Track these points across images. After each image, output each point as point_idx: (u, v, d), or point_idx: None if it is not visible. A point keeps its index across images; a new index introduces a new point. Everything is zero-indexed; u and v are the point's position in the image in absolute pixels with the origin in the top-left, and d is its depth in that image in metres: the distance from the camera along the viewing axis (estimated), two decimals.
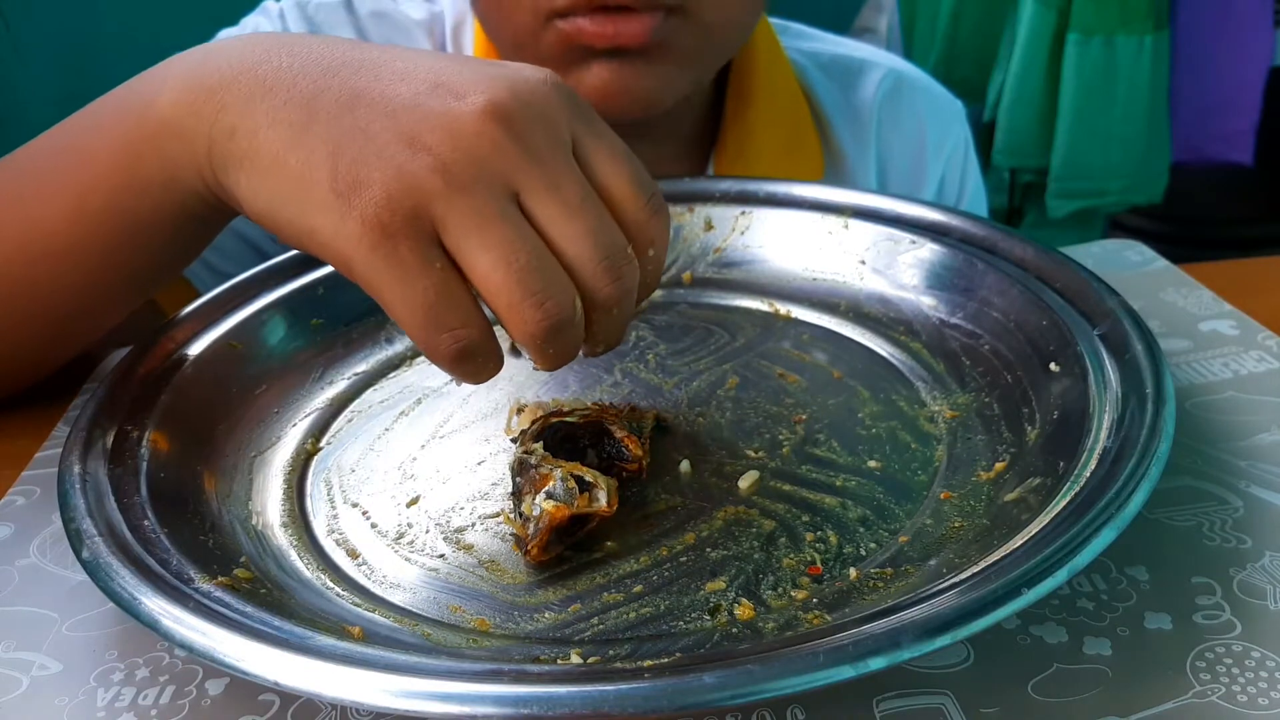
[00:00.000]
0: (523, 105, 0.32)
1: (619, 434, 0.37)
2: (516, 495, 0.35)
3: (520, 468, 0.35)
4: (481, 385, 0.43)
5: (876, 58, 0.71)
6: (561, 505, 0.33)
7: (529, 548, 0.33)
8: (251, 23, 0.63)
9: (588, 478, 0.34)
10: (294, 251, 0.42)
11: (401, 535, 0.35)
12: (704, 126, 0.63)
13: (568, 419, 0.37)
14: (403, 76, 0.33)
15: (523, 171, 0.31)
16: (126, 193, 0.38)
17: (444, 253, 0.30)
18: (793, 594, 0.31)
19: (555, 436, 0.37)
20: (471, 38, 0.63)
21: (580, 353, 0.35)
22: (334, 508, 0.37)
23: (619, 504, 0.34)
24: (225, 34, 0.64)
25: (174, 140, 0.35)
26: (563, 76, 0.53)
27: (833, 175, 0.66)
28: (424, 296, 0.30)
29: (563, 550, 0.34)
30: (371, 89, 0.32)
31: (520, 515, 0.34)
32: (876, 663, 0.24)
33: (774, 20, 0.68)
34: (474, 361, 0.32)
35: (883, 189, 0.68)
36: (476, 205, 0.30)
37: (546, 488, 0.33)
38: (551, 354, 0.33)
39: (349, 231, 0.30)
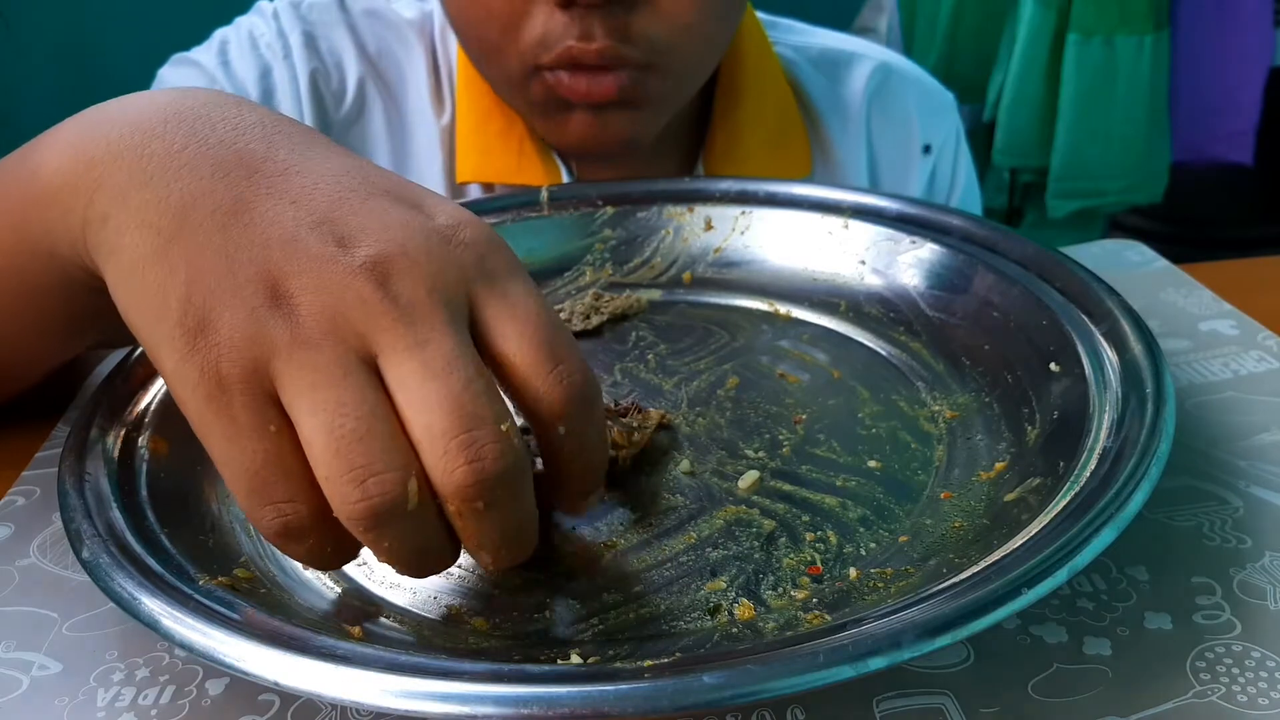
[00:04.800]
0: (410, 262, 0.27)
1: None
2: None
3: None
4: None
5: (866, 50, 0.71)
6: None
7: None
8: (246, 23, 0.63)
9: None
10: None
11: None
12: (692, 124, 0.64)
13: None
14: (296, 198, 0.29)
15: (386, 330, 0.26)
16: (18, 254, 0.35)
17: (284, 414, 0.27)
18: (793, 594, 0.31)
19: None
20: (439, 27, 0.63)
21: (480, 562, 0.29)
22: None
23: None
24: (219, 34, 0.64)
25: (54, 210, 0.32)
26: (548, 121, 0.56)
27: (823, 169, 0.66)
28: (250, 461, 0.26)
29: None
30: (255, 206, 0.28)
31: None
32: (876, 663, 0.24)
33: (763, 16, 0.68)
34: (302, 542, 0.28)
35: (874, 182, 0.69)
36: (318, 363, 0.26)
37: None
38: (388, 549, 0.27)
39: (187, 375, 0.27)
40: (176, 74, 0.62)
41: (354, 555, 0.29)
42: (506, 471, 0.27)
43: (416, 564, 0.29)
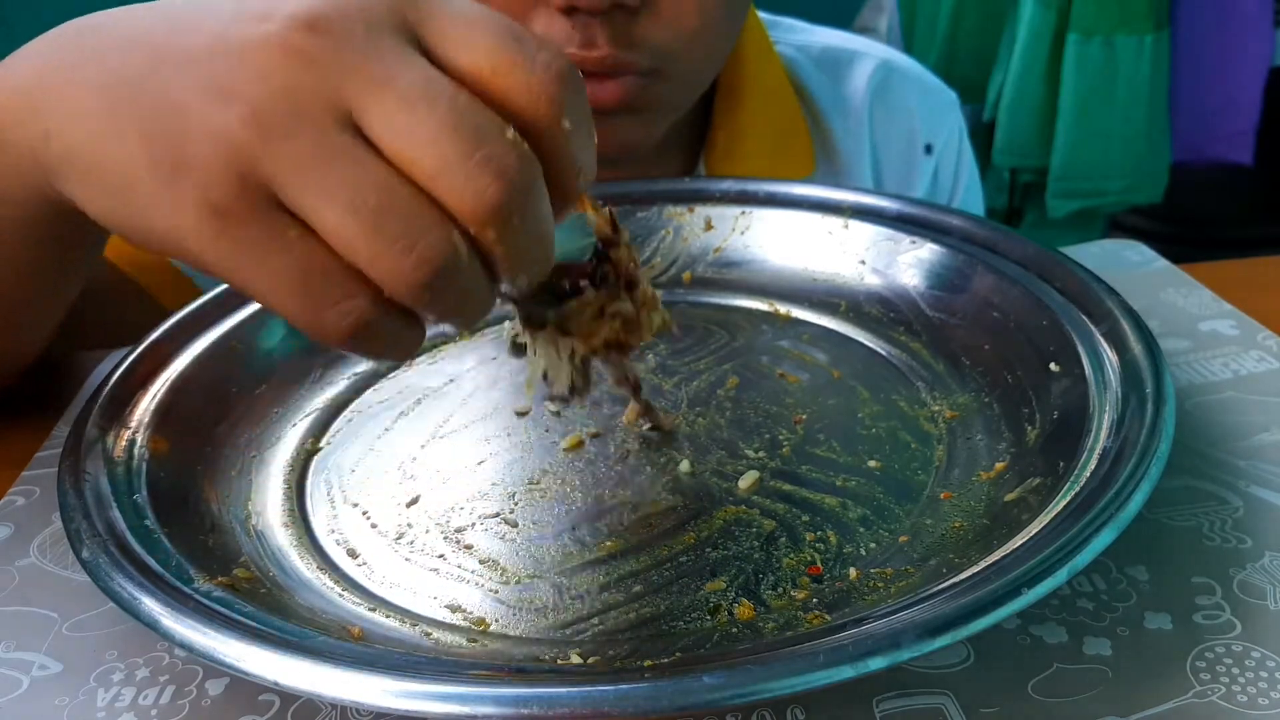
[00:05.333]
0: (334, 5, 0.25)
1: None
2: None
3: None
4: (480, 385, 0.44)
5: (868, 49, 0.71)
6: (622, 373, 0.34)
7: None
8: None
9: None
10: None
11: (401, 535, 0.35)
12: (693, 125, 0.64)
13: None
14: (211, 18, 0.27)
15: (346, 80, 0.24)
16: None
17: (297, 217, 0.25)
18: (793, 594, 0.31)
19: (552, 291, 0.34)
20: None
21: (504, 291, 0.28)
22: (334, 508, 0.37)
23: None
24: None
25: (7, 150, 0.31)
26: None
27: (826, 168, 0.66)
28: (289, 276, 0.25)
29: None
30: (176, 42, 0.27)
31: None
32: (876, 663, 0.24)
33: (764, 15, 0.68)
34: (379, 334, 0.26)
35: (877, 181, 0.69)
36: (303, 151, 0.24)
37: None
38: (451, 306, 0.26)
39: (188, 224, 0.25)
40: None
41: (421, 339, 0.28)
42: (530, 176, 0.25)
43: (471, 312, 0.27)
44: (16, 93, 0.31)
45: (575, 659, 0.29)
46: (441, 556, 0.34)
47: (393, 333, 0.26)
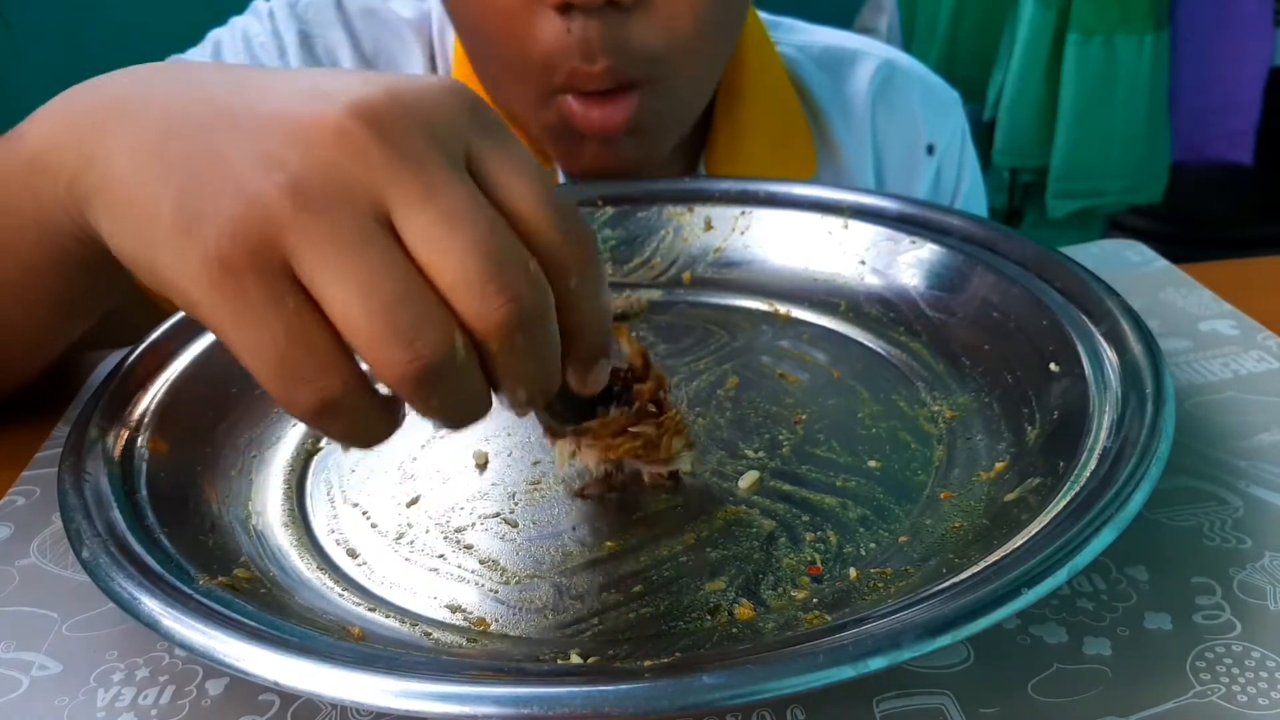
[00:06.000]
0: (400, 106, 0.27)
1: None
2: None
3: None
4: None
5: (870, 48, 0.71)
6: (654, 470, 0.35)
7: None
8: (241, 23, 0.63)
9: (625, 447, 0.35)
10: None
11: (401, 535, 0.35)
12: (695, 126, 0.64)
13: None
14: (277, 91, 0.28)
15: (393, 182, 0.26)
16: (7, 231, 0.35)
17: (301, 290, 0.26)
18: (793, 594, 0.31)
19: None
20: (452, 43, 0.63)
21: (505, 406, 0.29)
22: (334, 508, 0.37)
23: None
24: (213, 35, 0.64)
25: (39, 175, 0.32)
26: (561, 149, 0.56)
27: (828, 168, 0.66)
28: (273, 341, 0.25)
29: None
30: (238, 105, 0.28)
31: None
32: (876, 663, 0.24)
33: (764, 15, 0.68)
34: (344, 418, 0.27)
35: (880, 181, 0.69)
36: (332, 229, 0.25)
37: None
38: (437, 406, 0.27)
39: (190, 270, 0.26)
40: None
41: (392, 429, 0.28)
42: (540, 307, 0.27)
43: (461, 416, 0.28)
44: (65, 123, 0.32)
45: (575, 659, 0.29)
46: (441, 556, 0.34)
47: (358, 420, 0.27)
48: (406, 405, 0.28)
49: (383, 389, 0.27)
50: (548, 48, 0.51)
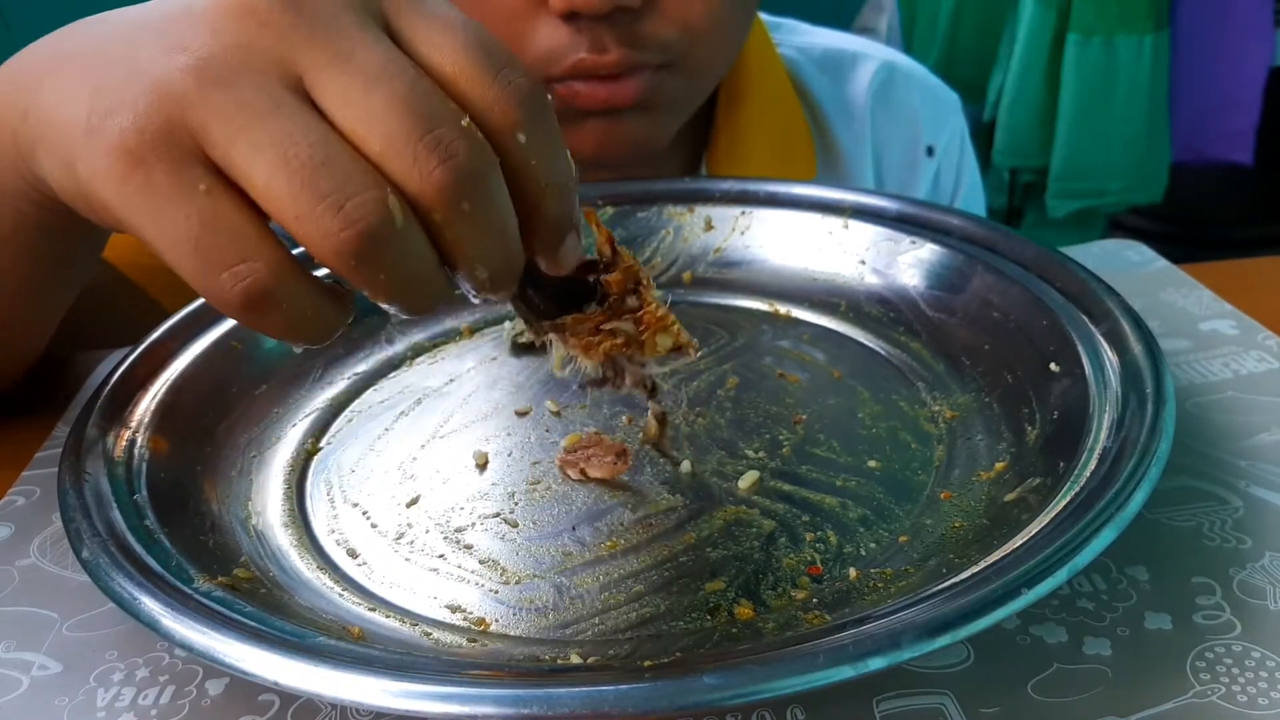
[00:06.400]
0: None
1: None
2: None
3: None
4: (481, 385, 0.44)
5: (870, 50, 0.71)
6: (640, 377, 0.32)
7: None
8: None
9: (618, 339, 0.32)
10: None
11: (401, 535, 0.35)
12: (696, 127, 0.64)
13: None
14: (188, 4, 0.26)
15: (303, 46, 0.24)
16: None
17: (218, 173, 0.24)
18: (793, 594, 0.31)
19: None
20: None
21: (467, 291, 0.27)
22: (334, 508, 0.37)
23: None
24: None
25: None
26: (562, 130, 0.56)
27: (828, 170, 0.66)
28: (186, 228, 0.24)
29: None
30: (153, 14, 0.27)
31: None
32: (876, 663, 0.24)
33: (765, 16, 0.68)
34: (274, 309, 0.25)
35: (879, 182, 0.69)
36: (241, 100, 0.23)
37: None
38: (385, 282, 0.24)
39: (100, 167, 0.24)
40: None
41: (340, 320, 0.26)
42: (482, 164, 0.25)
43: (413, 295, 0.26)
44: (7, 83, 0.31)
45: (575, 659, 0.29)
46: (441, 556, 0.34)
47: (296, 308, 0.25)
48: (354, 289, 0.26)
49: (323, 273, 0.25)
50: (553, 44, 0.50)
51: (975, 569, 0.28)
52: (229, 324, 0.42)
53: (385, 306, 0.26)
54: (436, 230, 0.25)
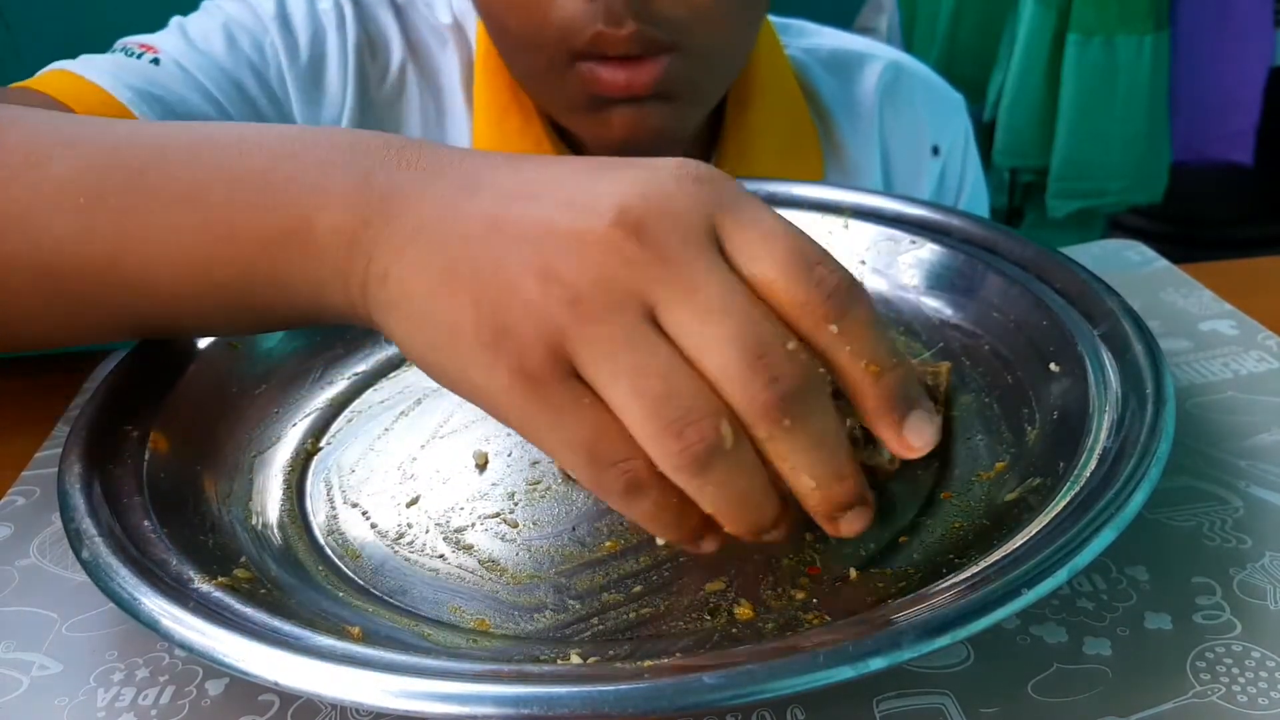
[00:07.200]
0: (654, 208, 0.29)
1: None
2: None
3: None
4: None
5: (876, 50, 0.71)
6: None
7: None
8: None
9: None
10: None
11: (401, 535, 0.35)
12: (705, 130, 0.64)
13: None
14: (535, 195, 0.30)
15: (657, 282, 0.28)
16: (261, 281, 0.34)
17: (590, 388, 0.28)
18: (793, 594, 0.31)
19: None
20: (474, 33, 0.63)
21: (825, 524, 0.30)
22: (334, 508, 0.37)
23: (899, 465, 0.33)
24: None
25: (325, 267, 0.33)
26: (588, 119, 0.57)
27: (836, 171, 0.66)
28: (583, 435, 0.28)
29: None
30: (504, 216, 0.30)
31: None
32: (876, 663, 0.24)
33: (774, 19, 0.69)
34: (646, 497, 0.29)
35: (886, 181, 0.69)
36: (606, 335, 0.28)
37: None
38: (713, 494, 0.28)
39: (499, 384, 0.28)
40: (229, 5, 0.61)
41: (698, 515, 0.30)
42: (804, 383, 0.28)
43: (744, 512, 0.29)
44: (359, 220, 0.32)
45: (575, 659, 0.29)
46: (441, 557, 0.34)
47: (661, 500, 0.29)
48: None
49: None
50: (568, 14, 0.51)
51: (975, 569, 0.28)
52: None
53: (724, 524, 0.29)
54: (761, 444, 0.28)
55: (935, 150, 0.70)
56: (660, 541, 0.34)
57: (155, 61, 0.55)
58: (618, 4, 0.50)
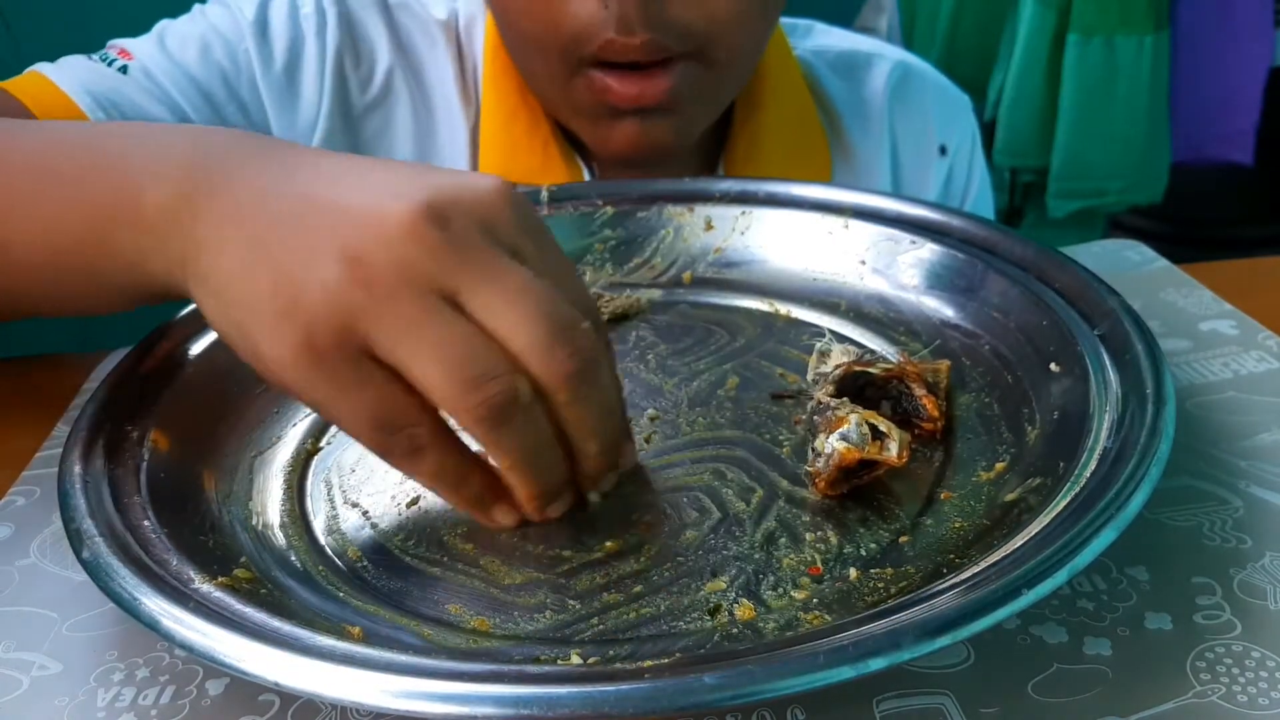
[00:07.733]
0: (461, 209, 0.31)
1: (919, 392, 0.38)
2: (811, 433, 0.36)
3: (819, 408, 0.36)
4: None
5: (883, 50, 0.71)
6: (853, 448, 0.34)
7: (817, 482, 0.35)
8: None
9: (881, 427, 0.34)
10: None
11: (401, 535, 0.35)
12: (713, 131, 0.64)
13: (870, 370, 0.38)
14: (349, 183, 0.32)
15: (456, 271, 0.30)
16: (95, 251, 0.36)
17: (383, 364, 0.30)
18: (793, 594, 0.31)
19: (855, 384, 0.38)
20: (482, 36, 0.63)
21: (588, 483, 0.34)
22: (334, 508, 0.37)
23: (909, 458, 0.34)
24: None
25: (150, 236, 0.34)
26: (594, 127, 0.57)
27: (845, 172, 0.66)
28: (365, 409, 0.30)
29: (846, 489, 0.35)
30: (320, 197, 0.32)
31: (813, 451, 0.35)
32: (876, 663, 0.24)
33: (783, 20, 0.68)
34: (432, 462, 0.32)
35: (895, 180, 0.69)
36: (403, 313, 0.29)
37: (841, 429, 0.34)
38: (508, 446, 0.31)
39: (284, 356, 0.30)
40: (214, 10, 0.61)
41: (481, 479, 0.33)
42: (599, 356, 0.32)
43: (538, 468, 0.32)
44: (183, 197, 0.34)
45: (575, 659, 0.29)
46: (441, 557, 0.34)
47: (442, 459, 0.32)
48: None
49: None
50: (581, 21, 0.51)
51: (975, 569, 0.28)
52: None
53: (516, 483, 0.33)
54: (559, 410, 0.31)
55: (943, 150, 0.70)
56: (652, 549, 0.34)
57: (124, 69, 0.55)
58: (631, 12, 0.50)
